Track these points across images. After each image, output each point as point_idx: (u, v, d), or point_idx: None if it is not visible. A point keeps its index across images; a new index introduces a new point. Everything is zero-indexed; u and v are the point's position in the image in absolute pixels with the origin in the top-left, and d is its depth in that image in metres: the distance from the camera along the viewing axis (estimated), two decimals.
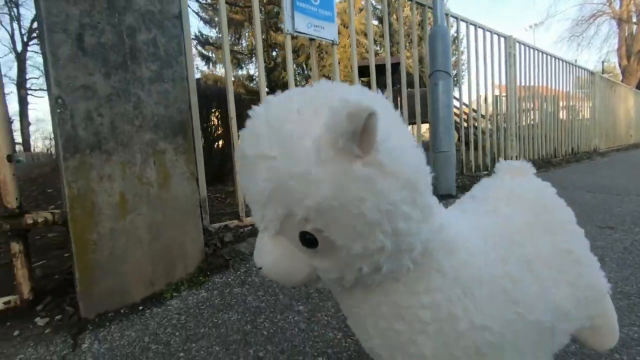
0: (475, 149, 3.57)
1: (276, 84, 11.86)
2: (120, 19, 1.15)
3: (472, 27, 3.47)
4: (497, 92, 4.04)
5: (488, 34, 3.65)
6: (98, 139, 1.11)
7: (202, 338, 0.96)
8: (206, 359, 0.87)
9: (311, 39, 2.02)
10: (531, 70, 4.34)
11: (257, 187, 0.35)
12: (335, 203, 0.32)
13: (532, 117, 4.47)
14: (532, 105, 4.44)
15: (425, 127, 3.08)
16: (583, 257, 0.52)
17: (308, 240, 0.36)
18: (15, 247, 1.13)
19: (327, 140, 0.32)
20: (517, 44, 4.00)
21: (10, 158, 1.11)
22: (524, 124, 4.26)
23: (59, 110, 1.05)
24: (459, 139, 3.59)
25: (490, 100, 3.82)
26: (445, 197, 2.52)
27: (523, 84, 4.21)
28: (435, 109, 2.50)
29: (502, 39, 3.84)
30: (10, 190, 1.11)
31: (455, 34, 11.95)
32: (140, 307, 1.16)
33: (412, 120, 3.12)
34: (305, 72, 14.27)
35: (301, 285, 0.42)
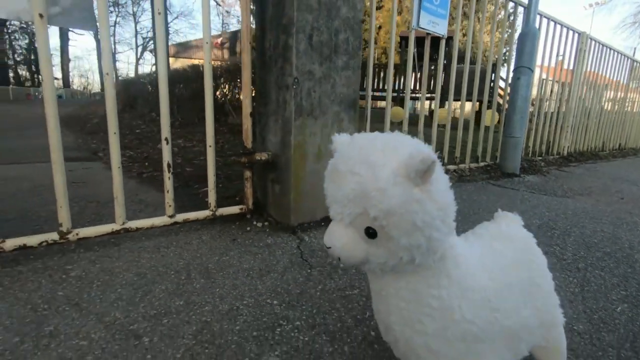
0: (535, 138, 3.92)
1: None
2: (332, 23, 1.63)
3: (546, 20, 3.69)
4: (544, 76, 4.02)
5: (564, 29, 3.86)
6: (312, 108, 1.63)
7: None
8: None
9: (428, 33, 2.43)
10: (597, 65, 4.53)
11: (344, 192, 0.49)
12: (399, 210, 0.46)
13: (589, 107, 4.70)
14: (589, 96, 4.66)
15: (468, 105, 3.02)
16: (549, 292, 0.68)
17: (370, 233, 0.49)
18: (247, 173, 1.71)
19: (402, 171, 0.46)
20: (589, 40, 4.19)
21: (251, 114, 1.66)
22: (580, 112, 4.52)
23: (294, 87, 1.57)
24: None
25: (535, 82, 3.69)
26: (511, 176, 2.98)
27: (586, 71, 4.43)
28: (514, 99, 2.90)
29: (576, 35, 4.05)
30: (249, 136, 1.67)
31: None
32: (322, 224, 1.74)
33: (456, 97, 2.97)
34: None
35: (356, 264, 0.55)
